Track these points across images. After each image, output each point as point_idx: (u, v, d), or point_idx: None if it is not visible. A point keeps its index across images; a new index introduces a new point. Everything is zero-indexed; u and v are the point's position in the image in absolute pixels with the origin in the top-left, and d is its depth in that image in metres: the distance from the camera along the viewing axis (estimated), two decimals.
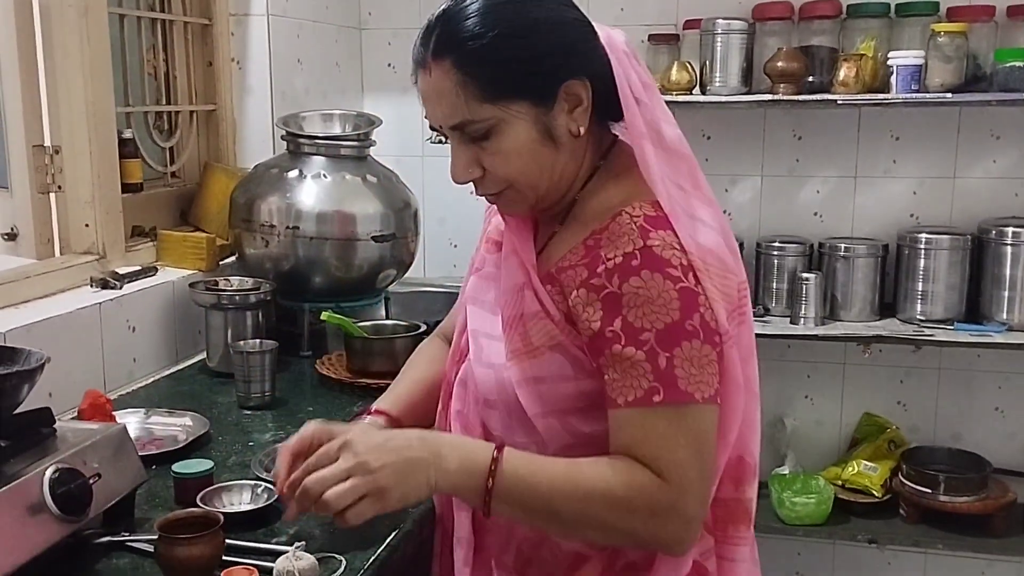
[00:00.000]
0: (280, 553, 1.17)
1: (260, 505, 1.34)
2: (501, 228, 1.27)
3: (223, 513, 1.24)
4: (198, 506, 1.30)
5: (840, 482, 2.68)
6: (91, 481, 1.20)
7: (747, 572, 1.22)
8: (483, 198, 1.23)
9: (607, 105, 1.16)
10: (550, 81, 1.13)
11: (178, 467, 1.41)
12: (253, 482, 1.40)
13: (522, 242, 1.21)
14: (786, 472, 2.74)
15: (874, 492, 2.64)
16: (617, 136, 1.24)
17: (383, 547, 1.27)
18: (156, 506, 1.38)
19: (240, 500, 1.37)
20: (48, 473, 1.16)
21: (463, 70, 1.11)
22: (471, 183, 1.19)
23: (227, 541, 1.19)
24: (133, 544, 1.25)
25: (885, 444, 2.72)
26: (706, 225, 1.14)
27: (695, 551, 1.15)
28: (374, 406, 1.37)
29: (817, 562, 2.88)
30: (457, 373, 1.29)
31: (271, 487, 1.37)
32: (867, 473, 2.66)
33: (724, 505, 1.19)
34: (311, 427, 1.19)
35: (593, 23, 1.18)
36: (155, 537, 1.17)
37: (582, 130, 1.16)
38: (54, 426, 1.27)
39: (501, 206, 1.22)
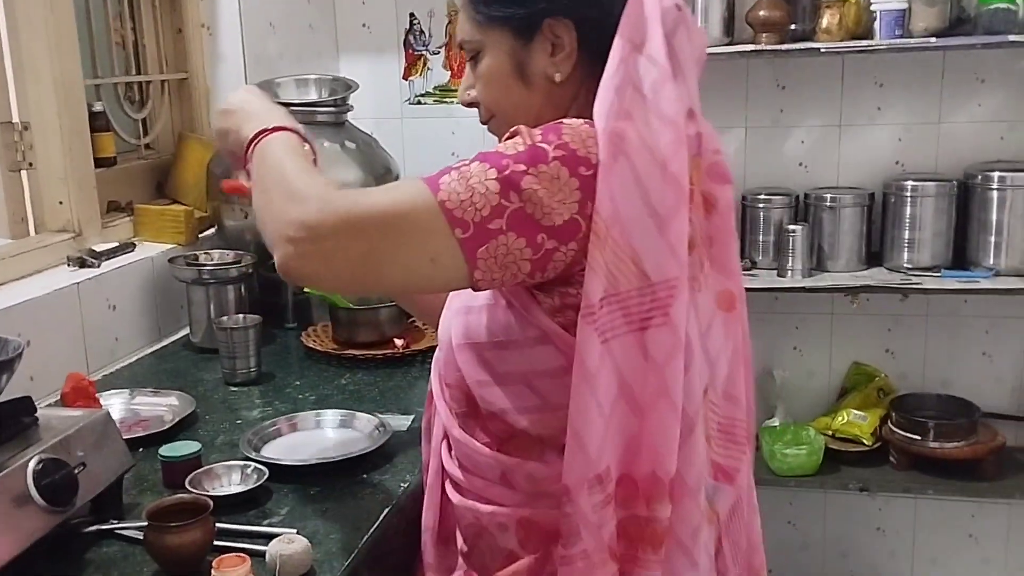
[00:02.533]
0: (272, 536, 1.16)
1: (250, 487, 1.32)
2: None
3: (213, 496, 1.22)
4: (187, 490, 1.29)
5: (830, 432, 2.69)
6: (76, 470, 1.18)
7: None
8: None
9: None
10: (532, 13, 1.11)
11: (165, 450, 1.39)
12: (242, 462, 1.39)
13: None
14: (776, 424, 2.75)
15: (864, 441, 2.65)
16: None
17: (375, 526, 1.26)
18: (144, 490, 1.37)
19: (230, 482, 1.35)
20: (32, 464, 1.13)
21: None
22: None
23: (218, 524, 1.18)
24: (122, 532, 1.23)
25: (874, 392, 2.73)
26: (653, 208, 1.00)
27: None
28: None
29: (809, 511, 2.91)
30: None
31: (260, 467, 1.36)
32: (857, 422, 2.66)
33: (633, 523, 1.06)
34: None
35: None
36: (144, 525, 1.15)
37: (558, 77, 1.12)
38: (36, 415, 1.25)
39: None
